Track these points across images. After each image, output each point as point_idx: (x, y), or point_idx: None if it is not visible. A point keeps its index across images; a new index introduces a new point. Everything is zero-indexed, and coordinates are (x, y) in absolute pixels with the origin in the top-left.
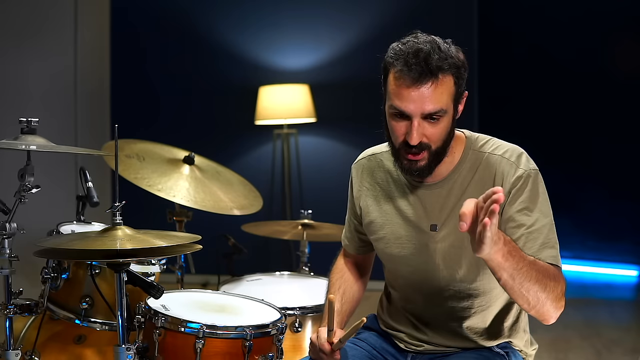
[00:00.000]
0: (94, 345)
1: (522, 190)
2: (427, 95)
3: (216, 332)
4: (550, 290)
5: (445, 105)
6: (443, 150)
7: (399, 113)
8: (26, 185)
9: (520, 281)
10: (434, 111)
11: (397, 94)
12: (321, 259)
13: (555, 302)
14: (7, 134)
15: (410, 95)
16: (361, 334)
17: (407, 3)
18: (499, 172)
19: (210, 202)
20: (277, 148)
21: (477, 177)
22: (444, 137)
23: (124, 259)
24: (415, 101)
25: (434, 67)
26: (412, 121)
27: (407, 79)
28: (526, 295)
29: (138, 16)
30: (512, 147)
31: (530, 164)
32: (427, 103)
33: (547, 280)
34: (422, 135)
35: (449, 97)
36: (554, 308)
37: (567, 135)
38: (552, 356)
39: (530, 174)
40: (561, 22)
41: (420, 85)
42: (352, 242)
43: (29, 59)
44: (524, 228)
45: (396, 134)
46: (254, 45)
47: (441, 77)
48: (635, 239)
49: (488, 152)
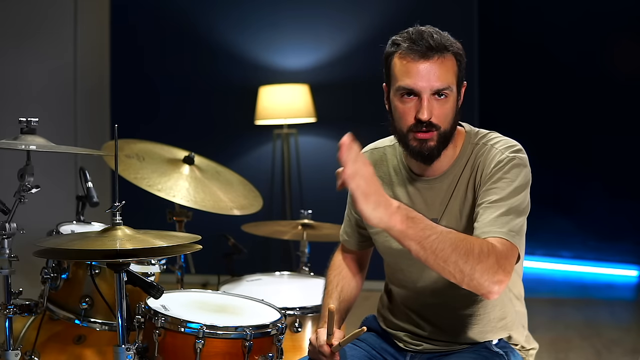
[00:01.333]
0: (94, 345)
1: (497, 172)
2: (435, 70)
3: (216, 332)
4: (474, 261)
5: (451, 82)
6: (450, 135)
7: (407, 92)
8: (26, 185)
9: (433, 251)
10: (441, 87)
11: (406, 71)
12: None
13: (487, 275)
14: (7, 134)
15: (419, 70)
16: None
17: (407, 3)
18: (487, 158)
19: (210, 202)
20: (277, 148)
21: (473, 168)
22: (451, 120)
23: (123, 259)
24: (424, 76)
25: (440, 44)
26: (422, 98)
27: (415, 54)
28: (446, 268)
29: (138, 16)
30: (508, 140)
31: (518, 153)
32: (435, 78)
33: (469, 249)
34: (431, 113)
35: (453, 76)
36: (489, 282)
37: (567, 134)
38: (552, 356)
39: (513, 160)
40: (561, 21)
41: (427, 59)
42: (352, 237)
43: (29, 59)
44: (486, 202)
45: (405, 116)
46: (254, 45)
47: (446, 55)
48: (635, 239)
49: (482, 143)
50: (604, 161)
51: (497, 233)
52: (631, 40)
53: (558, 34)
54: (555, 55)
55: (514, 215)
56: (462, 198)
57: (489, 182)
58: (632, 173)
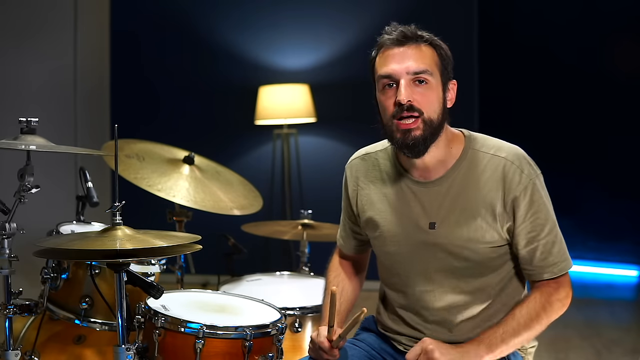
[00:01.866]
0: (94, 345)
1: (531, 198)
2: (410, 53)
3: (216, 332)
4: (540, 325)
5: (430, 67)
6: (438, 126)
7: (387, 81)
8: (26, 185)
9: (515, 345)
10: (418, 69)
11: (383, 60)
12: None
13: (560, 313)
14: (7, 134)
15: (394, 55)
16: (360, 335)
17: (407, 3)
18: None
19: (210, 202)
20: (277, 148)
21: (480, 176)
22: (435, 109)
23: (123, 259)
24: (398, 60)
25: (415, 34)
26: (400, 82)
27: (390, 43)
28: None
29: (138, 16)
30: (512, 149)
31: (532, 169)
32: (410, 61)
33: (534, 322)
34: (410, 96)
35: (433, 63)
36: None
37: (567, 134)
38: (552, 356)
39: (535, 182)
40: (561, 21)
41: (402, 46)
42: (348, 241)
43: (29, 59)
44: (540, 239)
45: (387, 107)
46: (254, 45)
47: (422, 44)
48: (635, 239)
49: (492, 154)
50: (604, 161)
51: (553, 274)
52: (631, 40)
53: (558, 34)
54: (555, 55)
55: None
56: (469, 206)
57: (525, 211)
58: (632, 173)
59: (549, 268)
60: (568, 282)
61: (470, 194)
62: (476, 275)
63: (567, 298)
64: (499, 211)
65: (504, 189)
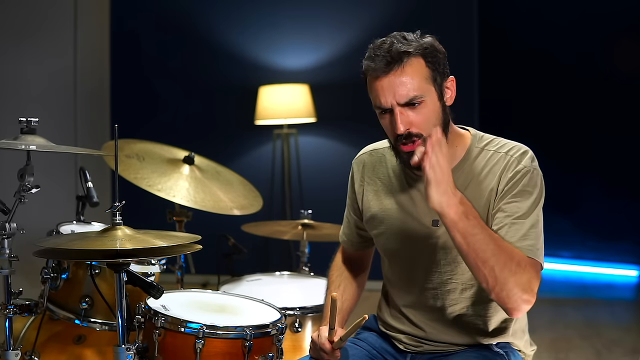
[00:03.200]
0: (94, 345)
1: (518, 183)
2: (396, 82)
3: (216, 332)
4: (511, 271)
5: (420, 89)
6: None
7: (381, 110)
8: (26, 185)
9: (475, 249)
10: (408, 98)
11: (373, 91)
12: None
13: (518, 289)
14: (7, 134)
15: (382, 87)
16: (361, 334)
17: (407, 3)
18: (501, 166)
19: (210, 202)
20: (277, 148)
21: (482, 173)
22: (434, 123)
23: (123, 259)
24: (387, 92)
25: (396, 54)
26: (394, 112)
27: (375, 71)
28: (482, 270)
29: (138, 16)
30: (518, 145)
31: (534, 162)
32: (399, 90)
33: (508, 259)
34: (408, 124)
35: (423, 79)
36: (518, 297)
37: (567, 134)
38: (552, 356)
39: (530, 171)
40: (561, 22)
41: (387, 74)
42: (351, 238)
43: (29, 58)
44: (510, 217)
45: (388, 132)
46: (254, 45)
47: (407, 61)
48: (635, 238)
49: (493, 150)
50: (603, 161)
51: (529, 253)
52: (631, 40)
53: (558, 34)
54: (555, 55)
55: (537, 231)
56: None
57: (509, 194)
58: (631, 173)
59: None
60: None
61: (472, 191)
62: None
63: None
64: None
65: (499, 178)
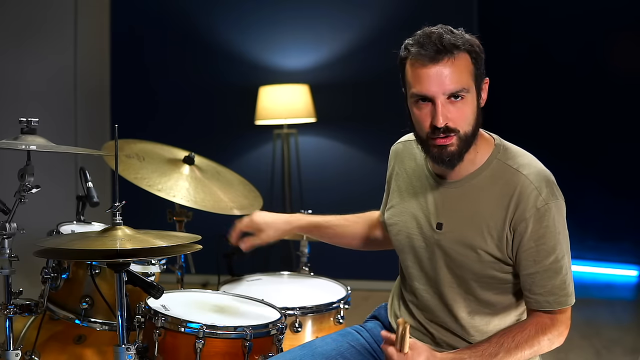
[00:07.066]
0: (94, 345)
1: (540, 223)
2: (445, 73)
3: (216, 332)
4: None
5: (466, 83)
6: (472, 137)
7: (421, 98)
8: (26, 185)
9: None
10: (455, 90)
11: (416, 77)
12: (321, 259)
13: (546, 350)
14: (7, 134)
15: (429, 75)
16: (367, 323)
17: (407, 3)
18: (519, 192)
19: (210, 202)
20: (277, 148)
21: (496, 189)
22: (471, 121)
23: (124, 259)
24: (434, 81)
25: (448, 45)
26: (436, 103)
27: (424, 59)
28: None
29: (138, 16)
30: (540, 170)
31: (553, 193)
32: (446, 81)
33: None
34: (447, 118)
35: (469, 75)
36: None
37: (567, 134)
38: (553, 356)
39: (550, 207)
40: (561, 20)
41: (436, 63)
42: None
43: (29, 58)
44: (537, 265)
45: (422, 123)
46: (254, 45)
47: (457, 54)
48: (635, 239)
49: (515, 168)
50: (604, 161)
51: (550, 306)
52: (631, 40)
53: (558, 34)
54: (555, 54)
55: (565, 273)
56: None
57: (532, 234)
58: (632, 173)
59: (546, 299)
60: (565, 320)
61: (482, 204)
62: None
63: (560, 336)
64: (506, 229)
65: (516, 208)
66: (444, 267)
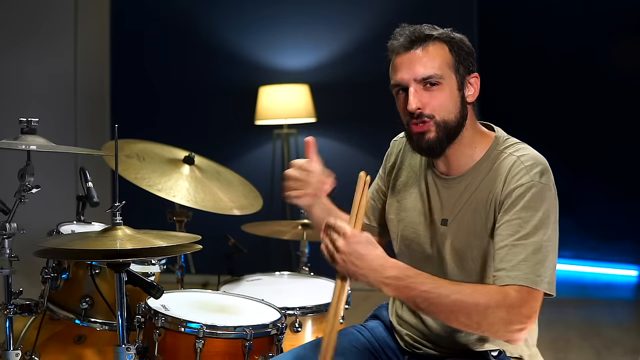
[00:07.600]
0: (94, 345)
1: (522, 199)
2: (416, 59)
3: (216, 332)
4: (479, 317)
5: (439, 70)
6: (454, 127)
7: (398, 87)
8: (26, 185)
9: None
10: (425, 74)
11: (393, 68)
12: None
13: (497, 327)
14: (7, 134)
15: (402, 63)
16: (369, 322)
17: (407, 3)
18: (509, 170)
19: (210, 202)
20: (277, 148)
21: (492, 174)
22: (450, 110)
23: (124, 259)
24: (406, 67)
25: (422, 35)
26: (409, 89)
27: (399, 49)
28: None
29: (138, 16)
30: (535, 155)
31: (543, 177)
32: (417, 66)
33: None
34: (421, 103)
35: (444, 63)
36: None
37: (567, 134)
38: (552, 356)
39: (535, 185)
40: (562, 19)
41: (409, 50)
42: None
43: (29, 59)
44: (511, 238)
45: (401, 112)
46: (254, 45)
47: (431, 44)
48: (635, 238)
49: (508, 153)
50: (604, 161)
51: (516, 280)
52: (633, 39)
53: (558, 32)
54: (555, 54)
55: (540, 255)
56: (478, 205)
57: (511, 209)
58: (632, 173)
59: (517, 273)
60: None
61: (483, 195)
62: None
63: (519, 322)
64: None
65: (503, 184)
66: (450, 262)
